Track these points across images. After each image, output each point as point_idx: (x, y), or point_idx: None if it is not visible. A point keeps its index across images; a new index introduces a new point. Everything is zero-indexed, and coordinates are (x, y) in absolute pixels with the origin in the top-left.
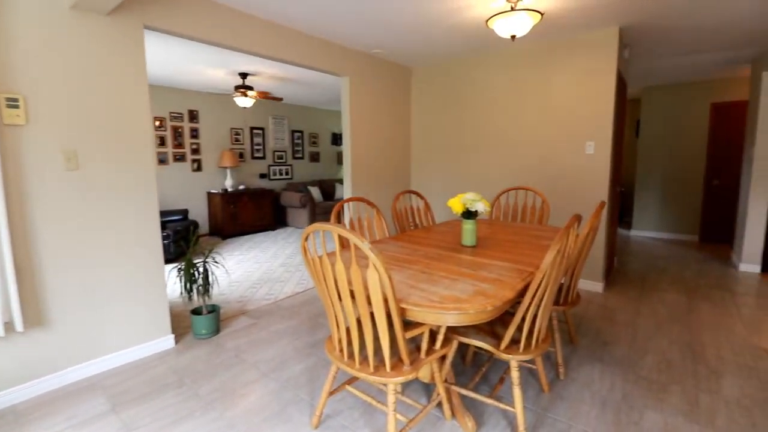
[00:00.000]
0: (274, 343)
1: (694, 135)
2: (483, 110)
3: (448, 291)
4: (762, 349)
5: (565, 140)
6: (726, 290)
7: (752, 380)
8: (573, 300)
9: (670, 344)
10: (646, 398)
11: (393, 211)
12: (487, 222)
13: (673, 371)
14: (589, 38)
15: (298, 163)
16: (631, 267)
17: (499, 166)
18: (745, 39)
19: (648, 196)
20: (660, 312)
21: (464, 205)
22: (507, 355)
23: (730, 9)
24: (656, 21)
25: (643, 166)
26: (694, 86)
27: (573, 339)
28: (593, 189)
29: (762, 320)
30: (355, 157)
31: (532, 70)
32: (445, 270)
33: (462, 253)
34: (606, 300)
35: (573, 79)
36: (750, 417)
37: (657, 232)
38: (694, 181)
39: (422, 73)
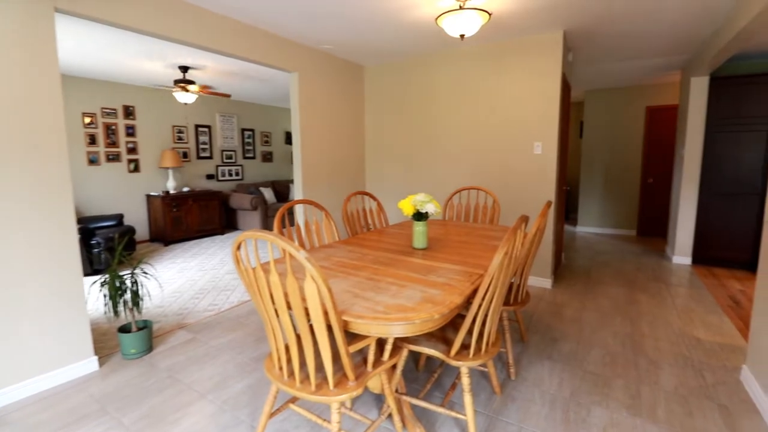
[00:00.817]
0: (215, 360)
1: (632, 136)
2: (436, 110)
3: (395, 299)
4: (694, 338)
5: (514, 141)
6: (662, 282)
7: (687, 369)
8: (523, 299)
9: (613, 337)
10: (592, 394)
11: (344, 213)
12: (440, 223)
13: (616, 365)
14: (536, 41)
15: (249, 163)
16: (577, 262)
17: (453, 166)
18: (675, 47)
19: (592, 194)
20: (604, 305)
21: (414, 207)
22: (457, 362)
23: (661, 18)
24: (596, 26)
25: (586, 165)
26: (631, 90)
27: (524, 337)
28: (541, 188)
29: (694, 310)
30: (306, 157)
31: (483, 71)
32: (394, 276)
33: (413, 257)
34: (555, 296)
35: (521, 80)
36: (686, 406)
37: (600, 228)
38: (632, 180)
39: (375, 72)
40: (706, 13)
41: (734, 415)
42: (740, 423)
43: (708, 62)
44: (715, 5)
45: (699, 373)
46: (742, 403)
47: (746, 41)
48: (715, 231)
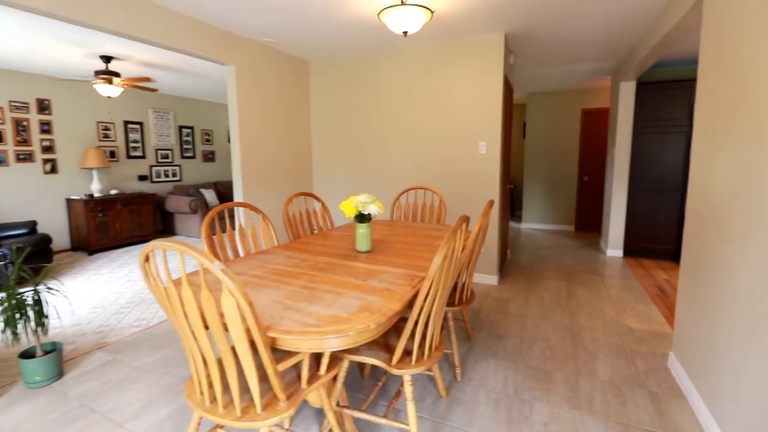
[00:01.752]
0: (137, 382)
1: (569, 137)
2: (385, 109)
3: (329, 310)
4: (626, 327)
5: (460, 140)
6: (597, 274)
7: (620, 358)
8: (468, 299)
9: (554, 330)
10: (535, 389)
11: (284, 216)
12: (387, 223)
13: (557, 358)
14: (479, 42)
15: (188, 163)
16: (522, 258)
17: (403, 165)
18: (605, 52)
19: (534, 192)
20: (545, 299)
21: (356, 209)
22: (399, 371)
23: (592, 25)
24: (534, 30)
25: (529, 164)
26: (569, 94)
27: (470, 336)
28: (486, 187)
29: (625, 300)
30: (245, 157)
31: (429, 71)
32: (332, 282)
33: (355, 261)
34: (500, 292)
35: (465, 81)
36: (621, 395)
37: (543, 224)
38: (570, 178)
39: (321, 68)
40: (633, 21)
41: (663, 402)
42: (669, 409)
43: (635, 68)
44: (641, 14)
45: (631, 361)
46: (670, 389)
47: (668, 48)
48: (643, 225)
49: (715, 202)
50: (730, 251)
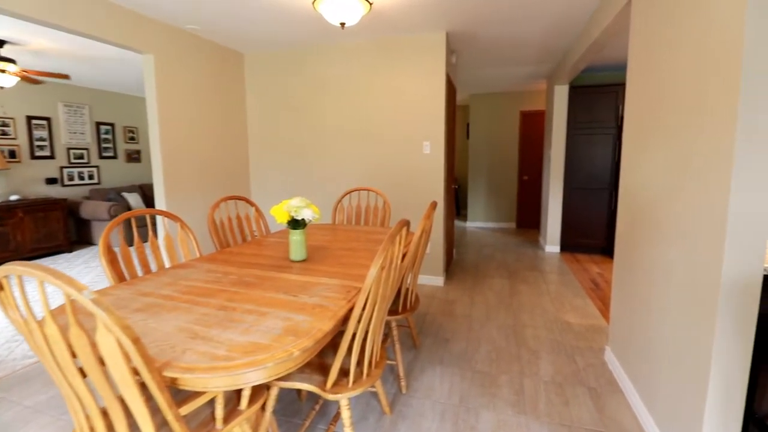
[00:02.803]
0: (27, 426)
1: (510, 138)
2: (328, 106)
3: (246, 336)
4: (565, 323)
5: (405, 140)
6: (537, 271)
7: (561, 355)
8: (413, 305)
9: (498, 331)
10: (480, 396)
11: (210, 223)
12: (328, 228)
13: (501, 360)
14: (421, 40)
15: (108, 164)
16: (467, 257)
17: (345, 165)
18: (541, 56)
19: (478, 191)
20: (490, 299)
21: (289, 214)
22: (335, 396)
23: (529, 28)
24: (475, 30)
25: (473, 164)
26: (508, 96)
27: (416, 343)
28: (431, 187)
29: (564, 294)
30: (168, 157)
31: (373, 68)
32: (256, 300)
33: (287, 272)
34: (446, 293)
35: (409, 79)
36: (563, 395)
37: (486, 222)
38: (510, 177)
39: (258, 61)
40: (566, 26)
41: (603, 398)
42: (608, 405)
43: (567, 72)
44: (573, 19)
45: (571, 358)
46: (609, 384)
47: (597, 52)
48: (577, 221)
49: (644, 200)
50: (659, 247)
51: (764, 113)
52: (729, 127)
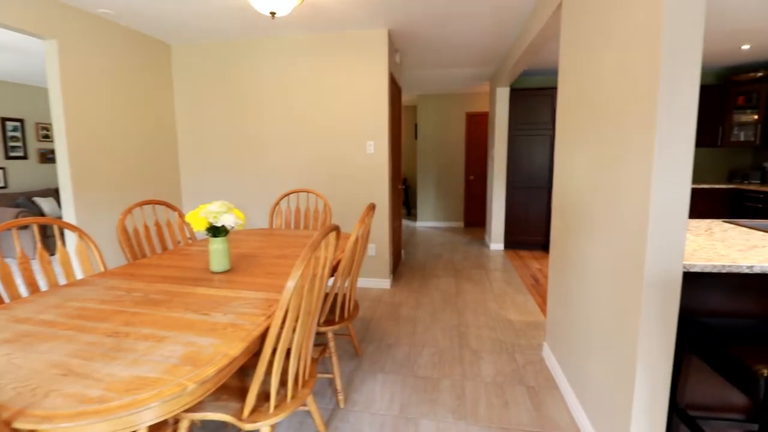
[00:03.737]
0: None
1: (456, 138)
2: (263, 103)
3: (133, 369)
4: (507, 320)
5: (348, 139)
6: (482, 269)
7: (502, 354)
8: (351, 313)
9: (443, 332)
10: (421, 404)
11: (120, 231)
12: (263, 233)
13: (444, 363)
14: (363, 37)
15: (16, 165)
16: (416, 257)
17: (285, 166)
18: (483, 58)
19: (427, 191)
20: (436, 299)
21: (206, 220)
22: (252, 425)
23: (470, 30)
24: (417, 29)
25: (422, 165)
26: (455, 97)
27: (357, 351)
28: (375, 187)
29: (506, 292)
30: (76, 157)
31: (313, 64)
32: (157, 322)
33: (204, 286)
34: (393, 296)
35: (351, 77)
36: (503, 396)
37: (435, 222)
38: (458, 177)
39: (186, 53)
40: (504, 29)
41: (540, 396)
42: (545, 403)
43: (507, 75)
44: (510, 22)
45: (512, 356)
46: (546, 380)
47: (534, 55)
48: (519, 219)
49: (573, 199)
50: (587, 244)
51: (680, 118)
52: (648, 130)
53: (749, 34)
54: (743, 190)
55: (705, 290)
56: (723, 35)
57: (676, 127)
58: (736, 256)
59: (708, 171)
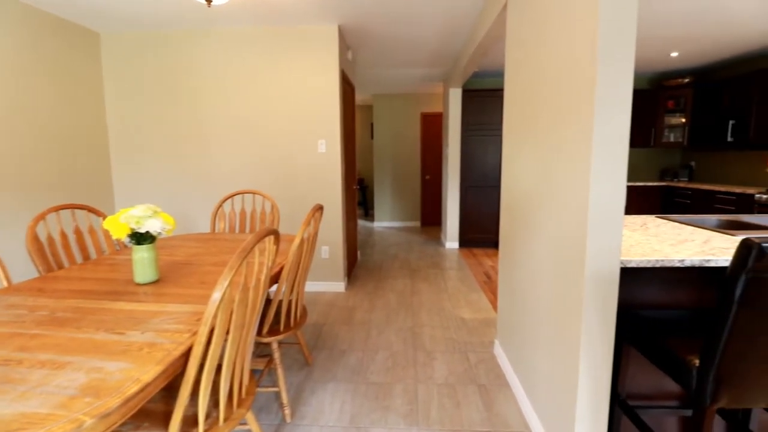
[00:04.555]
0: None
1: (412, 138)
2: (207, 99)
3: (19, 404)
4: (460, 319)
5: (298, 138)
6: (437, 268)
7: (455, 354)
8: (297, 321)
9: (397, 335)
10: (373, 411)
11: (29, 240)
12: (204, 238)
13: (397, 367)
14: (313, 32)
15: None
16: (372, 258)
17: (230, 166)
18: (434, 59)
19: (384, 191)
20: (391, 301)
21: (127, 227)
22: None
23: (421, 29)
24: (368, 26)
25: (378, 164)
26: (410, 97)
27: (308, 360)
28: (328, 187)
29: (460, 290)
30: None
31: (261, 59)
32: (61, 345)
33: (125, 299)
34: (348, 299)
35: (301, 73)
36: (455, 397)
37: (393, 222)
38: (414, 176)
39: (118, 43)
40: (455, 30)
41: (491, 394)
42: (496, 400)
43: (459, 75)
44: (460, 23)
45: (464, 355)
46: (497, 378)
47: (483, 56)
48: (473, 218)
49: (519, 197)
50: (533, 241)
51: (615, 124)
52: (586, 132)
53: (677, 41)
54: (673, 187)
55: (642, 284)
56: (654, 42)
57: (612, 130)
58: (668, 251)
59: (642, 170)
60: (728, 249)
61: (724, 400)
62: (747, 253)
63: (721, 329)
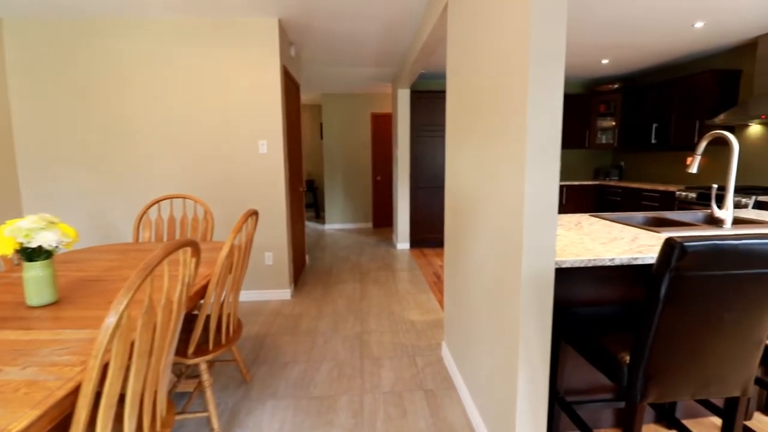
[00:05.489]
0: None
1: (362, 139)
2: (133, 94)
3: None
4: (410, 321)
5: (237, 138)
6: (388, 270)
7: (403, 359)
8: (230, 338)
9: (344, 342)
10: (314, 428)
11: None
12: (121, 249)
13: (343, 377)
14: (252, 25)
15: None
16: (322, 262)
17: (166, 168)
18: (381, 58)
19: (335, 192)
20: (339, 307)
21: (14, 241)
22: None
23: (364, 26)
24: (311, 21)
25: (329, 166)
26: (360, 97)
27: (246, 377)
28: (270, 190)
29: (410, 292)
30: None
31: (194, 51)
32: None
33: (10, 327)
34: (293, 307)
35: (240, 69)
36: (401, 405)
37: (344, 224)
38: (365, 177)
39: (24, 29)
40: (400, 29)
41: (438, 399)
42: (442, 405)
43: (407, 76)
44: (404, 22)
45: (412, 359)
46: (444, 381)
47: (429, 57)
48: (423, 218)
49: (461, 198)
50: (474, 242)
51: (548, 125)
52: (521, 132)
53: (607, 50)
54: (606, 186)
55: (577, 282)
56: (586, 50)
57: (544, 131)
58: (600, 250)
59: (578, 170)
60: (653, 246)
61: (653, 395)
62: (670, 252)
63: (649, 328)
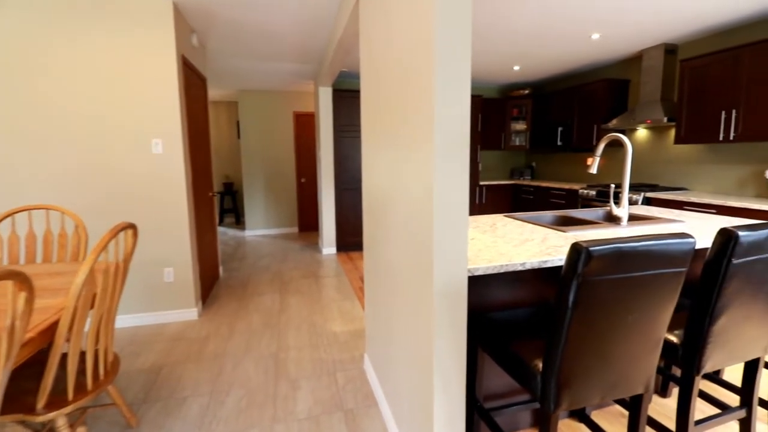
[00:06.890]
0: None
1: (285, 139)
2: None
3: None
4: (332, 333)
5: (124, 136)
6: (312, 277)
7: (322, 377)
8: (100, 381)
9: (257, 364)
10: None
11: None
12: None
13: (253, 407)
14: (139, 6)
15: None
16: (238, 273)
17: (27, 173)
18: (299, 54)
19: (256, 196)
20: (254, 323)
21: None
22: None
23: (275, 18)
24: (213, 8)
25: (248, 167)
26: (280, 95)
27: (130, 421)
28: (168, 196)
29: (334, 300)
30: None
31: (67, 33)
32: None
33: None
34: (200, 328)
35: (126, 55)
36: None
37: (267, 229)
38: (289, 179)
39: None
40: (313, 23)
41: (358, 419)
42: (362, 426)
43: (327, 74)
44: (317, 14)
45: (333, 377)
46: (365, 398)
47: (346, 55)
48: (349, 221)
49: (377, 202)
50: (390, 248)
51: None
52: (428, 132)
53: (517, 57)
54: (520, 185)
55: (491, 286)
56: (499, 58)
57: (452, 132)
58: (512, 253)
59: (495, 170)
60: (561, 247)
61: (566, 403)
62: (576, 258)
63: (559, 337)
